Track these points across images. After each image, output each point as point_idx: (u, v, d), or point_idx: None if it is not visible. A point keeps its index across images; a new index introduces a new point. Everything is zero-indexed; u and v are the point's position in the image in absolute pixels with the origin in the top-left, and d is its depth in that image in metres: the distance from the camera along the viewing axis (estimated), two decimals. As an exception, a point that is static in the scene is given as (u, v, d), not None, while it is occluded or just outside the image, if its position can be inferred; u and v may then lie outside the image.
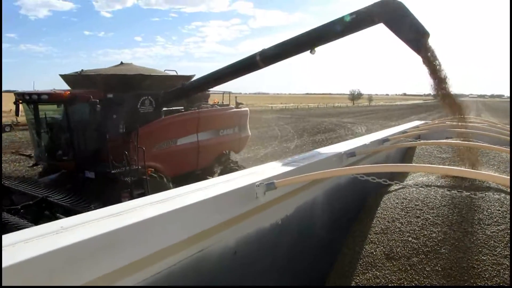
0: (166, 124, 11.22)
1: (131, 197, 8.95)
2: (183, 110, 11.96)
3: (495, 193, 4.03)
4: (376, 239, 4.07)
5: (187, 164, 11.91)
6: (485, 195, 3.94)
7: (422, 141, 6.61)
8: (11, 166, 19.23)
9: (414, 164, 6.19)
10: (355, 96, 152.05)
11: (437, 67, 5.17)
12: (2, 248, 1.67)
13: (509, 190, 2.63)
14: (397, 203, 4.73)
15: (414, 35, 5.43)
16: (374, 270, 3.66)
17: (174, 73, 12.41)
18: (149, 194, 2.71)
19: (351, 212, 4.57)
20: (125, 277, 2.03)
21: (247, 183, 2.99)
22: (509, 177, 2.49)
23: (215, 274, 2.70)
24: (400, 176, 5.68)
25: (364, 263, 3.77)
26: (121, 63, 12.14)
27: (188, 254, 2.44)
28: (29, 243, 1.76)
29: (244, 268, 2.97)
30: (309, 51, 6.81)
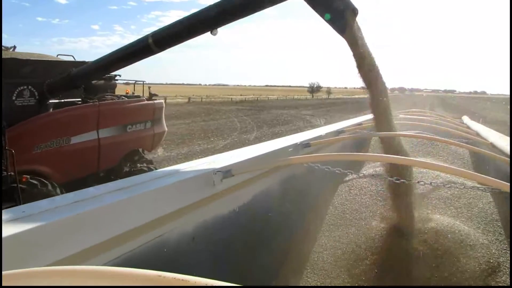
0: (53, 120, 9.20)
1: None
2: (80, 102, 10.00)
3: (438, 181, 4.26)
4: (327, 232, 4.26)
5: (84, 166, 9.98)
6: (432, 183, 4.14)
7: (376, 133, 6.76)
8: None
9: (371, 154, 6.36)
10: (314, 89, 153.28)
11: (365, 52, 4.36)
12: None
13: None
14: (350, 193, 4.93)
15: (337, 12, 4.34)
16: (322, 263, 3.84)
17: (71, 59, 10.52)
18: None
19: (306, 201, 4.72)
20: (85, 261, 2.08)
21: (205, 171, 3.08)
22: (509, 184, 2.56)
23: (174, 259, 2.78)
24: (355, 166, 5.90)
25: (315, 257, 3.94)
26: None
27: (147, 239, 2.51)
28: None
29: (201, 253, 3.06)
30: (209, 31, 5.77)
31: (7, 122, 7.76)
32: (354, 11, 4.33)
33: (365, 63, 4.27)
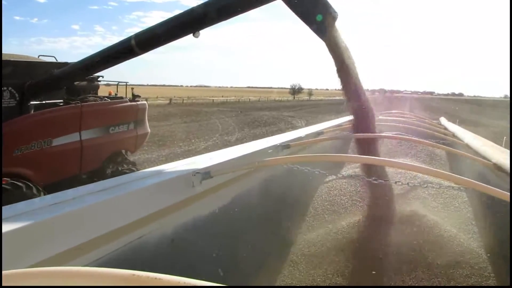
0: (35, 121, 9.10)
1: None
2: (62, 104, 9.84)
3: (416, 182, 4.33)
4: (307, 232, 4.30)
5: (67, 168, 9.84)
6: (409, 184, 4.20)
7: (356, 134, 6.81)
8: None
9: (349, 155, 6.41)
10: (295, 90, 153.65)
11: (344, 56, 4.34)
12: None
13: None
14: (330, 194, 4.97)
15: (317, 15, 4.30)
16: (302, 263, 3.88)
17: (53, 60, 10.43)
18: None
19: (286, 202, 4.76)
20: (63, 263, 2.08)
21: (184, 172, 3.09)
22: (509, 193, 2.59)
23: (153, 260, 2.79)
24: (335, 168, 5.95)
25: (294, 257, 3.98)
26: None
27: (126, 241, 2.51)
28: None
29: (181, 255, 3.07)
30: (192, 34, 5.79)
31: None
32: (333, 16, 4.33)
33: (343, 66, 4.30)
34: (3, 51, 9.87)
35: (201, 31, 5.70)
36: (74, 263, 2.14)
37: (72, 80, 9.65)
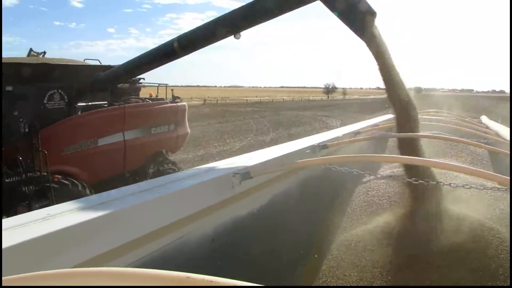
0: (82, 122, 9.57)
1: (30, 210, 7.00)
2: (106, 105, 10.32)
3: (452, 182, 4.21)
4: (345, 233, 4.25)
5: (111, 167, 10.31)
6: (451, 184, 4.09)
7: (393, 134, 6.72)
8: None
9: (388, 155, 6.32)
10: (329, 90, 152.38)
11: (385, 54, 4.26)
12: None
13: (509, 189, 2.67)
14: (368, 194, 4.90)
15: (356, 14, 4.34)
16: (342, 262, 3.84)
17: (97, 63, 10.84)
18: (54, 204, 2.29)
19: (324, 202, 4.72)
20: (107, 262, 2.12)
21: (224, 173, 3.11)
22: (509, 177, 2.54)
23: (194, 260, 2.81)
24: (372, 168, 5.87)
25: (332, 259, 3.93)
26: (30, 50, 10.13)
27: (168, 241, 2.54)
28: (18, 229, 1.85)
29: (221, 255, 3.09)
30: (233, 35, 5.88)
31: (40, 124, 8.36)
32: (372, 14, 4.31)
33: (386, 65, 4.23)
34: (52, 56, 10.51)
35: (241, 33, 5.80)
36: (117, 262, 2.17)
37: (117, 82, 10.13)
